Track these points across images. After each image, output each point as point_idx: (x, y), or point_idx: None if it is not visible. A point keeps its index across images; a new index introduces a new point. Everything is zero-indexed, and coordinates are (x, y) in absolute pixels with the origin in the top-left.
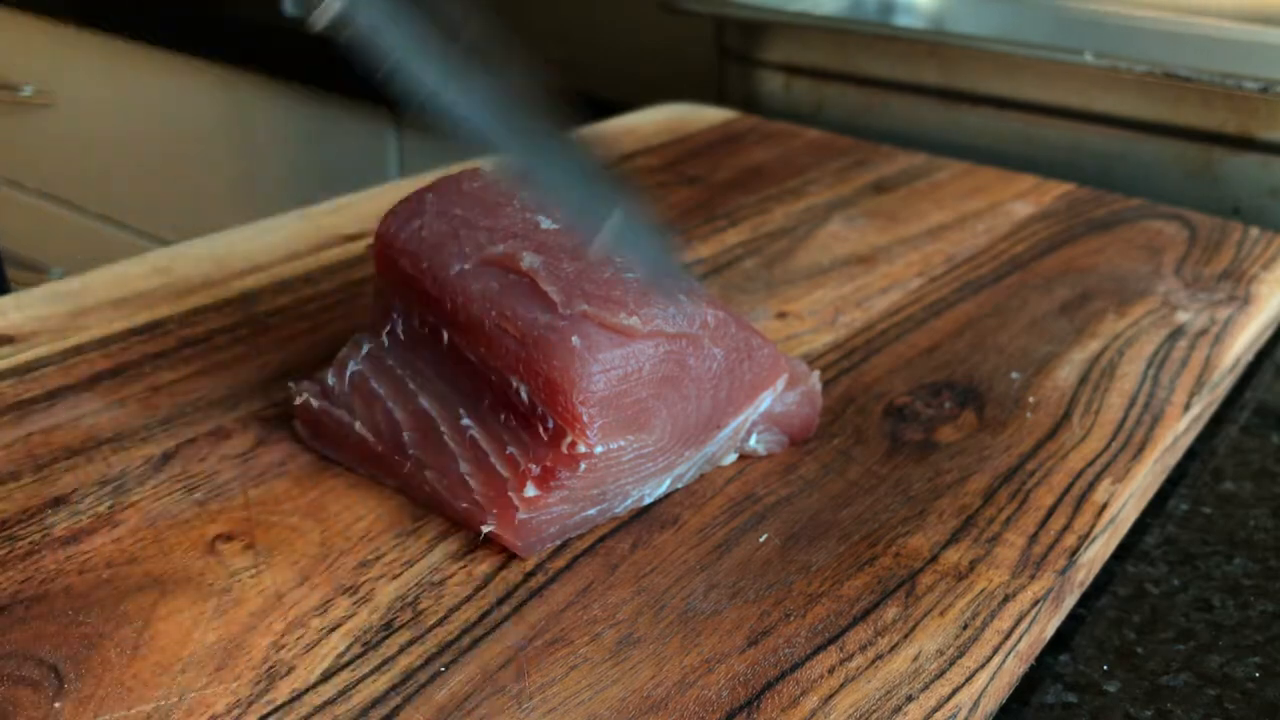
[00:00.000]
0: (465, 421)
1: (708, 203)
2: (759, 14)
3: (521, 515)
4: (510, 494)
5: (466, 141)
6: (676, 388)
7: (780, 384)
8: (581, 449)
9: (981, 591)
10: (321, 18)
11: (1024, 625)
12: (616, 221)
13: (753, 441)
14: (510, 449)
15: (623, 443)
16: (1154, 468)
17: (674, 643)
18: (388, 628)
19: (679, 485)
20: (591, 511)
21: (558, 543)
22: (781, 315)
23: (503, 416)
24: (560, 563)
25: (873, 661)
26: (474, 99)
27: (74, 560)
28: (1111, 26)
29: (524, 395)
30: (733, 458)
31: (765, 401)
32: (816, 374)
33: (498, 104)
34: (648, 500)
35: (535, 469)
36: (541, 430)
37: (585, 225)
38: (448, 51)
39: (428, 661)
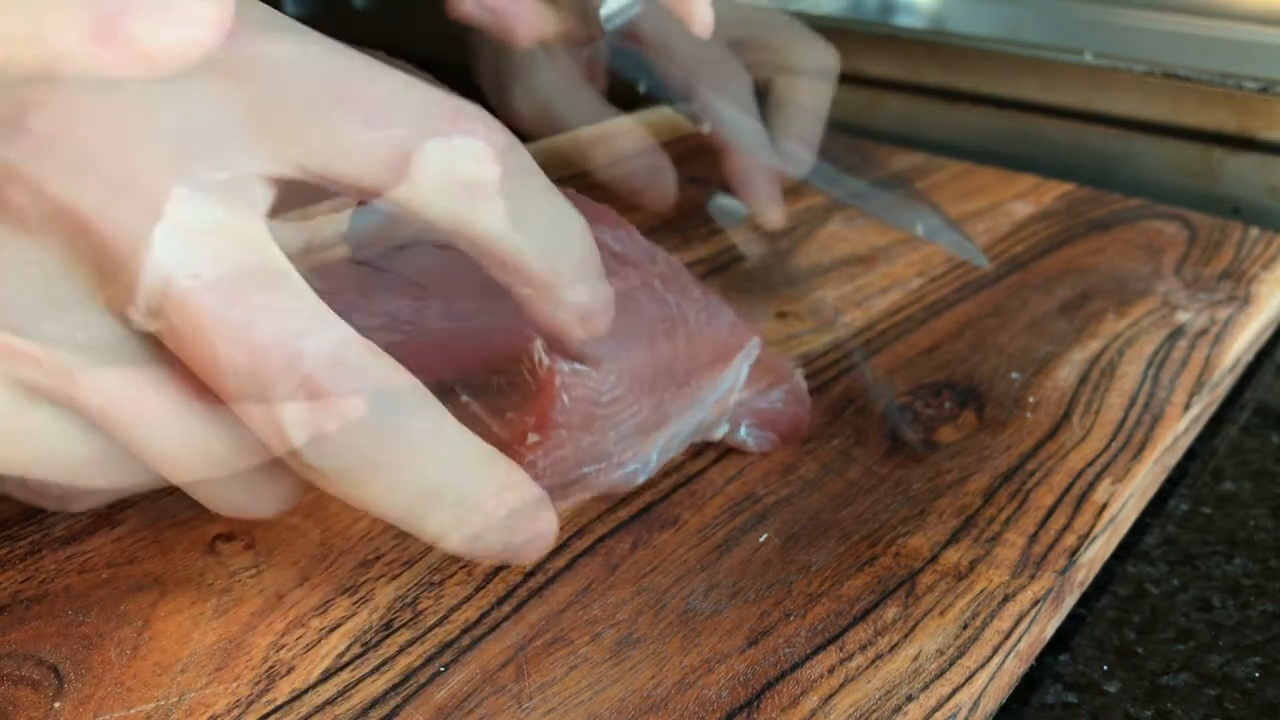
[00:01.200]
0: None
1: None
2: None
3: (529, 459)
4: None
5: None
6: (626, 317)
7: (753, 348)
8: (557, 379)
9: (981, 591)
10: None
11: (1024, 625)
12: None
13: (741, 433)
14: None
15: (582, 369)
16: (1154, 468)
17: (674, 643)
18: (387, 628)
19: (668, 455)
20: (589, 469)
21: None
22: (781, 315)
23: (495, 381)
24: (560, 563)
25: (873, 661)
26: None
27: (74, 560)
28: (1111, 26)
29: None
30: (723, 430)
31: (744, 369)
32: (800, 370)
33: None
34: (642, 477)
35: (531, 419)
36: (530, 379)
37: (900, 221)
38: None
39: (427, 661)
